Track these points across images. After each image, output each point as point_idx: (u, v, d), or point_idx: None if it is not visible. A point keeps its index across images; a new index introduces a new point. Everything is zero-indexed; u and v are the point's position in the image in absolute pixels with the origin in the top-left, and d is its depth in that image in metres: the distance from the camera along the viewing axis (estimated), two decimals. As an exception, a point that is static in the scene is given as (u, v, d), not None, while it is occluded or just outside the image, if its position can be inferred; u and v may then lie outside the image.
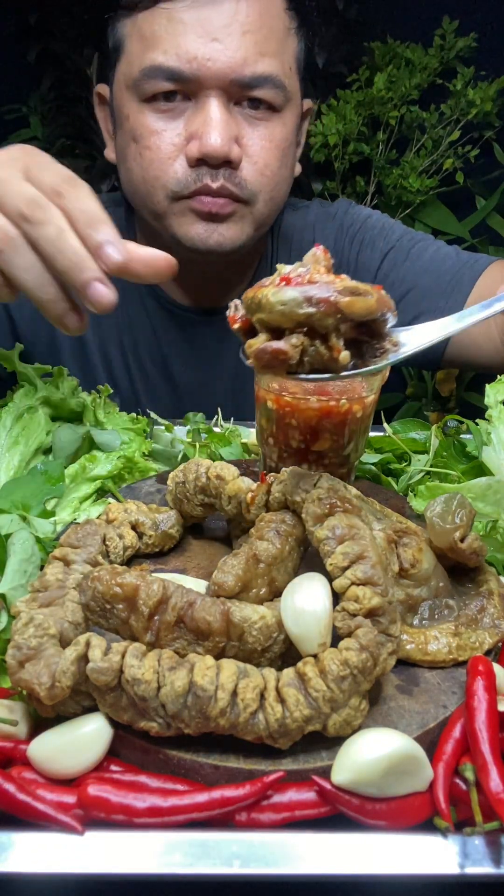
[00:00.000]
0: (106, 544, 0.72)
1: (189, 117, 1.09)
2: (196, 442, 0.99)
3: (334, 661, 0.55)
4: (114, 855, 0.51)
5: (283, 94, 1.12)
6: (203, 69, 1.05)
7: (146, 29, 1.08)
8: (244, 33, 1.07)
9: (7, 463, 0.87)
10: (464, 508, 0.69)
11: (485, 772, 0.53)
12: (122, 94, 1.13)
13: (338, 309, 0.54)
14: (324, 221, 1.35)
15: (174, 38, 1.06)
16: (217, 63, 1.05)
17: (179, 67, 1.06)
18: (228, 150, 1.07)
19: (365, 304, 0.55)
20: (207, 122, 1.07)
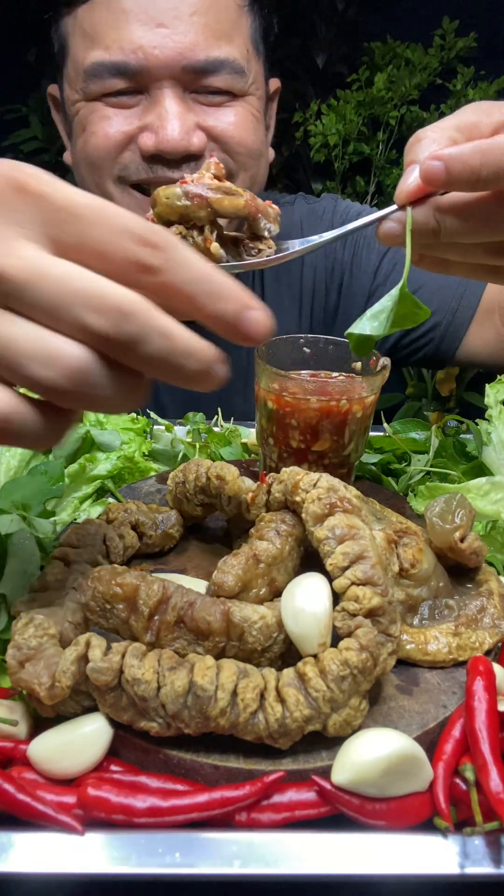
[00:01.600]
0: (106, 544, 0.72)
1: (143, 110, 1.01)
2: (196, 442, 0.99)
3: (334, 661, 0.55)
4: (114, 855, 0.51)
5: (243, 79, 1.04)
6: (150, 58, 0.97)
7: (87, 24, 1.00)
8: (192, 14, 0.98)
9: (7, 463, 0.87)
10: (464, 508, 0.69)
11: (485, 772, 0.53)
12: (71, 95, 1.06)
13: (208, 203, 0.61)
14: (311, 221, 1.29)
15: (116, 30, 0.97)
16: (165, 50, 0.97)
17: (124, 60, 0.97)
18: (188, 142, 0.99)
19: (232, 202, 0.62)
20: (162, 115, 0.98)
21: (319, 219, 1.29)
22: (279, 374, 0.78)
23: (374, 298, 1.24)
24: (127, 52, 0.97)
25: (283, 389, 0.78)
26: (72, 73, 1.04)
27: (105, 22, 0.98)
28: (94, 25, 0.99)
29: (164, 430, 1.02)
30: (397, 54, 2.53)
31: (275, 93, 1.19)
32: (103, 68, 0.99)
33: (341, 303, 1.28)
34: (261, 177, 1.12)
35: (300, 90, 2.57)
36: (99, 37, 0.99)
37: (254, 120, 1.07)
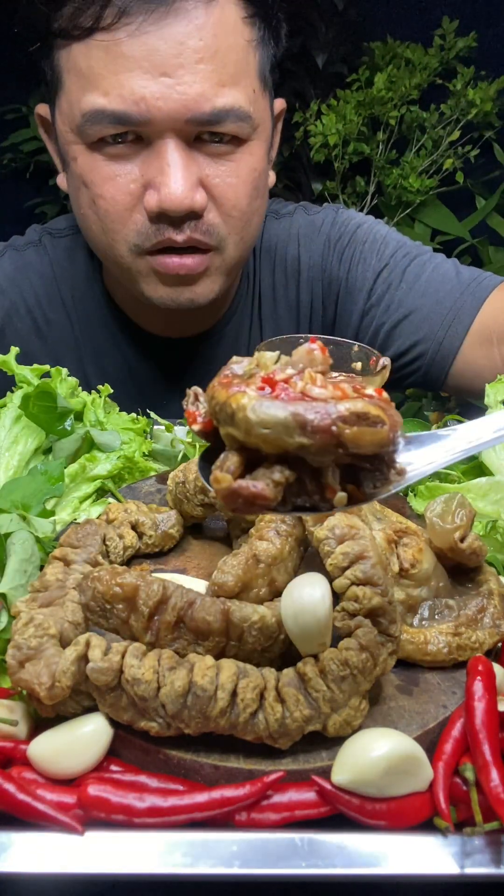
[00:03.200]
0: (106, 544, 0.72)
1: (144, 161, 0.96)
2: (196, 442, 0.99)
3: (334, 661, 0.55)
4: (114, 855, 0.51)
5: (250, 124, 0.98)
6: (154, 111, 0.91)
7: (83, 64, 0.93)
8: (198, 62, 0.91)
9: (7, 463, 0.87)
10: (464, 508, 0.69)
11: (485, 772, 0.53)
12: (66, 133, 1.00)
13: (340, 442, 0.41)
14: (310, 233, 1.23)
15: (116, 77, 0.91)
16: (169, 102, 0.91)
17: (126, 111, 0.91)
18: (191, 201, 0.94)
19: (375, 436, 0.42)
20: (164, 171, 0.93)
21: (318, 231, 1.23)
22: (279, 374, 0.78)
23: (367, 318, 1.21)
24: (129, 102, 0.91)
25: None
26: (65, 109, 0.98)
27: (104, 66, 0.91)
28: (92, 67, 0.92)
29: (164, 430, 1.02)
30: (397, 54, 2.53)
31: (280, 113, 1.14)
32: (102, 116, 0.93)
33: (337, 319, 1.25)
34: (251, 235, 1.07)
35: (300, 90, 2.57)
36: (97, 81, 0.92)
37: (255, 175, 1.03)
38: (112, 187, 0.97)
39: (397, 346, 1.19)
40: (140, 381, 1.24)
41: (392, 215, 2.62)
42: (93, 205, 1.00)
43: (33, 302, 1.20)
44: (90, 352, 1.22)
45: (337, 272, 1.22)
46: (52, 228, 1.25)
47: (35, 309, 1.20)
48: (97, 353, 1.22)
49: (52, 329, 1.21)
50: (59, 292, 1.21)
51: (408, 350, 1.18)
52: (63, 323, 1.21)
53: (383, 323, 1.19)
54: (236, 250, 1.05)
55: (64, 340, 1.21)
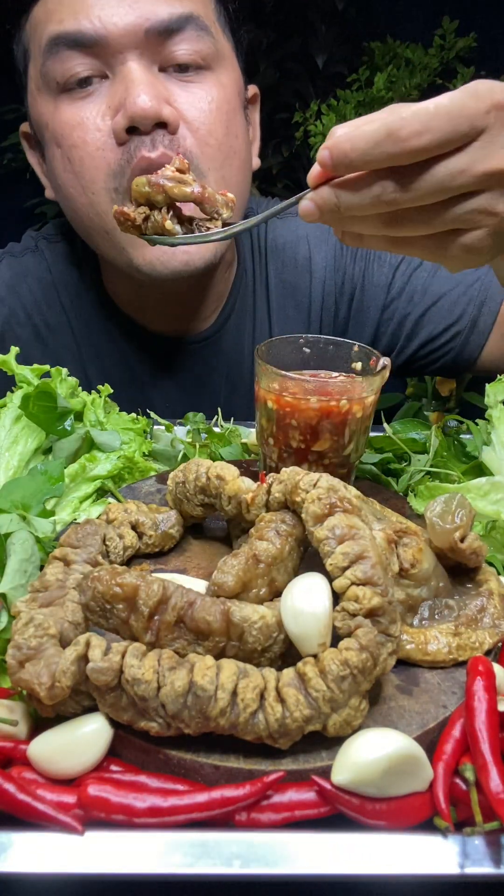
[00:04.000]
0: (106, 544, 0.72)
1: (109, 93, 0.94)
2: (196, 442, 0.99)
3: (334, 661, 0.55)
4: (114, 855, 0.51)
5: (212, 43, 0.97)
6: (109, 25, 0.90)
7: (41, 14, 0.94)
8: None
9: (7, 463, 0.87)
10: (464, 508, 0.69)
11: (485, 772, 0.53)
12: (36, 102, 1.00)
13: (164, 189, 0.72)
14: (319, 234, 1.24)
15: (70, 4, 0.91)
16: (125, 16, 0.90)
17: (80, 29, 0.90)
18: (159, 108, 0.91)
19: (181, 189, 0.71)
20: (129, 87, 0.91)
21: (327, 231, 1.23)
22: (279, 374, 0.78)
23: (388, 311, 1.23)
24: (82, 21, 0.90)
25: (283, 389, 0.78)
26: (33, 73, 0.98)
27: (59, 3, 0.92)
28: (49, 9, 0.93)
29: (164, 430, 1.02)
30: (397, 54, 2.53)
31: (253, 98, 1.13)
32: (60, 41, 0.92)
33: (352, 317, 1.26)
34: (235, 179, 1.04)
35: (300, 90, 2.57)
36: (54, 15, 0.93)
37: (229, 107, 1.01)
38: (81, 131, 0.95)
39: (428, 331, 1.21)
40: (142, 382, 1.23)
41: (392, 215, 2.62)
42: (68, 163, 0.97)
43: (33, 308, 1.20)
44: (92, 355, 1.22)
45: (352, 271, 1.22)
46: (47, 234, 1.25)
47: (35, 315, 1.20)
48: (99, 355, 1.22)
49: (52, 334, 1.21)
50: (59, 297, 1.21)
51: (440, 334, 1.21)
52: (63, 328, 1.21)
53: (409, 313, 1.21)
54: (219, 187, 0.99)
55: (65, 345, 1.21)
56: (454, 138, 0.61)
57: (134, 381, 1.23)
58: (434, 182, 0.62)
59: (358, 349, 0.86)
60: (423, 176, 0.62)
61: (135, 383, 1.23)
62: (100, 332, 1.21)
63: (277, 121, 2.47)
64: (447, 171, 0.62)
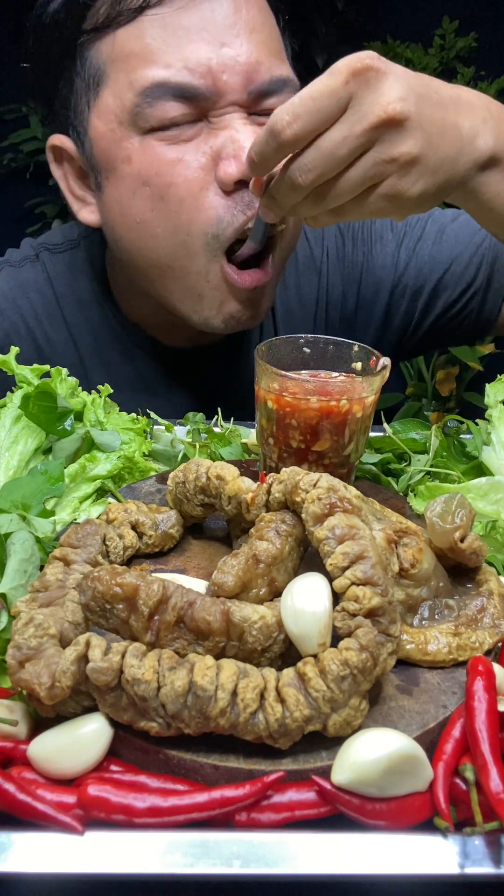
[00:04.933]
0: (106, 544, 0.72)
1: (206, 139, 0.92)
2: (196, 442, 0.99)
3: (334, 661, 0.55)
4: (114, 855, 0.51)
5: None
6: (220, 82, 0.89)
7: (135, 44, 0.90)
8: (251, 31, 0.91)
9: (7, 463, 0.87)
10: (464, 508, 0.69)
11: (485, 772, 0.53)
12: (113, 133, 0.93)
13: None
14: (316, 232, 1.23)
15: (177, 49, 0.89)
16: (233, 72, 0.89)
17: (192, 83, 0.88)
18: None
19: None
20: (236, 138, 0.90)
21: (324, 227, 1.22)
22: (279, 374, 0.78)
23: (398, 290, 1.22)
24: (195, 74, 0.88)
25: (283, 389, 0.78)
26: (111, 103, 0.92)
27: (162, 41, 0.88)
28: (147, 45, 0.89)
29: (164, 430, 1.02)
30: (397, 54, 2.54)
31: None
32: (166, 89, 0.89)
33: (360, 305, 1.25)
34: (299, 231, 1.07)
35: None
36: (156, 55, 0.89)
37: None
38: (182, 168, 0.91)
39: (446, 298, 1.21)
40: (154, 393, 1.20)
41: (392, 215, 2.62)
42: (161, 200, 0.93)
43: (33, 322, 1.17)
44: (97, 367, 1.18)
45: (354, 257, 1.22)
46: (48, 243, 1.20)
47: (36, 329, 1.17)
48: (107, 368, 1.18)
49: (53, 350, 1.17)
50: (61, 310, 1.17)
51: (458, 299, 1.21)
52: (65, 343, 1.18)
53: (422, 285, 1.21)
54: (296, 228, 1.03)
55: (68, 361, 1.16)
56: (325, 116, 0.70)
57: (147, 393, 1.19)
58: (324, 156, 0.71)
59: (358, 349, 0.86)
60: (314, 154, 0.71)
61: (146, 393, 1.19)
62: (110, 347, 1.18)
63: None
64: (330, 142, 0.71)
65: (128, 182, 0.95)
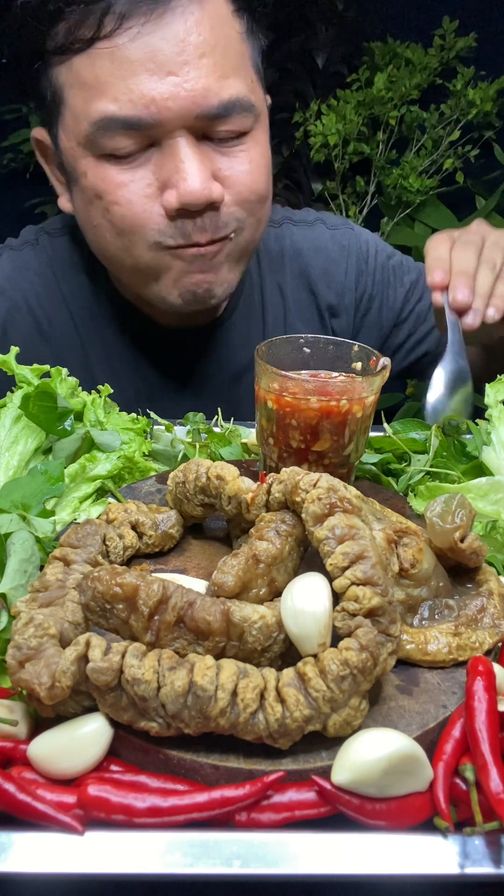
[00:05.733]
0: (106, 544, 0.72)
1: (156, 164, 0.97)
2: (196, 442, 0.99)
3: (334, 661, 0.55)
4: (114, 855, 0.51)
5: (253, 114, 1.00)
6: (164, 111, 0.92)
7: (87, 75, 0.93)
8: (201, 56, 0.93)
9: (7, 463, 0.87)
10: (464, 508, 0.69)
11: (485, 772, 0.53)
12: (72, 149, 1.00)
13: None
14: (339, 252, 1.31)
15: (123, 82, 0.91)
16: (178, 101, 0.92)
17: (136, 116, 0.92)
18: (209, 191, 0.96)
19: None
20: (180, 168, 0.95)
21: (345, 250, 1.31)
22: (279, 374, 0.78)
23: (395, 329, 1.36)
24: (139, 106, 0.92)
25: (283, 389, 0.78)
26: (70, 124, 0.98)
27: (109, 73, 0.92)
28: (98, 77, 0.93)
29: (164, 430, 1.02)
30: (397, 54, 2.53)
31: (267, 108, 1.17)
32: (113, 122, 0.94)
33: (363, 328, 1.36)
34: (265, 217, 1.11)
35: (300, 90, 2.57)
36: (104, 88, 0.93)
37: (264, 161, 1.06)
38: (127, 192, 0.98)
39: (426, 346, 1.37)
40: (148, 376, 1.25)
41: (392, 215, 2.62)
42: (107, 213, 1.00)
43: (34, 302, 1.21)
44: (97, 349, 1.23)
45: (371, 290, 1.33)
46: (48, 228, 1.25)
47: (36, 309, 1.21)
48: (105, 348, 1.23)
49: (54, 329, 1.22)
50: (60, 291, 1.22)
51: (433, 350, 1.36)
52: (65, 322, 1.22)
53: (412, 332, 1.37)
54: (250, 232, 1.07)
55: (67, 339, 1.22)
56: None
57: (139, 375, 1.25)
58: None
59: (358, 349, 0.86)
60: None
61: (141, 377, 1.25)
62: (106, 326, 1.23)
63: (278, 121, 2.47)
64: None
65: (85, 192, 1.02)
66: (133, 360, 1.24)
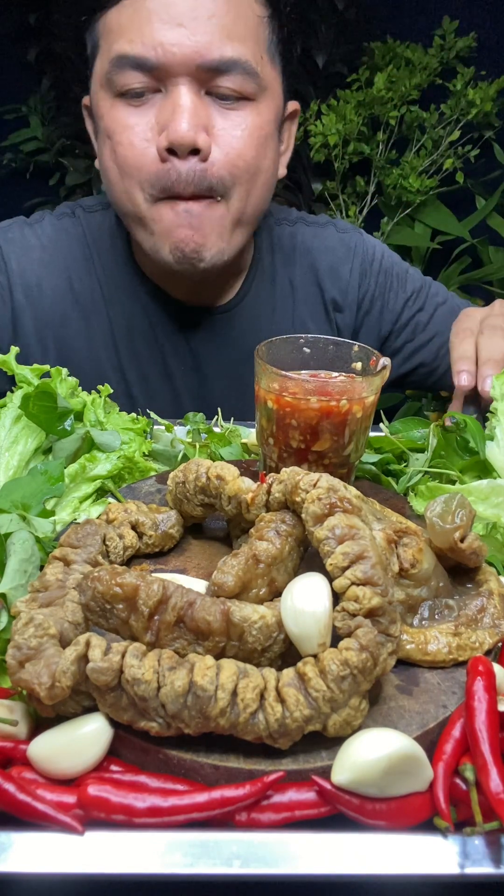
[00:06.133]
0: (106, 544, 0.72)
1: (160, 108, 1.08)
2: (196, 442, 0.99)
3: (334, 661, 0.55)
4: (114, 855, 0.51)
5: (256, 82, 1.09)
6: (168, 55, 1.04)
7: (114, 23, 1.08)
8: (210, 17, 1.05)
9: (7, 463, 0.87)
10: (464, 508, 0.69)
11: (485, 772, 0.53)
12: (97, 93, 1.13)
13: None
14: (345, 252, 1.38)
15: (139, 27, 1.05)
16: (182, 48, 1.04)
17: (144, 54, 1.05)
18: (195, 136, 1.05)
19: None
20: (175, 111, 1.05)
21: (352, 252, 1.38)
22: (279, 374, 0.78)
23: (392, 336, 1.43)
24: (147, 47, 1.04)
25: (283, 389, 0.78)
26: (98, 68, 1.12)
27: (131, 20, 1.06)
28: (121, 24, 1.07)
29: (164, 430, 1.02)
30: (397, 54, 2.53)
31: (293, 114, 1.25)
32: (126, 60, 1.06)
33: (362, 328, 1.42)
34: (258, 194, 1.16)
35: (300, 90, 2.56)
36: (124, 32, 1.06)
37: (261, 133, 1.13)
38: (130, 134, 1.09)
39: (421, 357, 1.45)
40: (164, 344, 1.31)
41: (392, 215, 2.62)
42: (114, 154, 1.11)
43: (71, 264, 1.29)
44: (119, 315, 1.30)
45: (373, 291, 1.40)
46: (83, 204, 1.36)
47: (72, 270, 1.29)
48: (127, 317, 1.31)
49: (84, 291, 1.29)
50: (92, 259, 1.30)
51: (429, 363, 1.45)
52: (94, 287, 1.30)
53: (409, 340, 1.43)
54: (242, 203, 1.13)
55: (94, 303, 1.29)
56: None
57: (157, 342, 1.31)
58: None
59: (358, 349, 0.86)
60: None
61: (157, 345, 1.31)
62: (128, 295, 1.30)
63: (277, 121, 2.47)
64: None
65: (102, 134, 1.14)
66: (150, 331, 1.31)
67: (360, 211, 2.65)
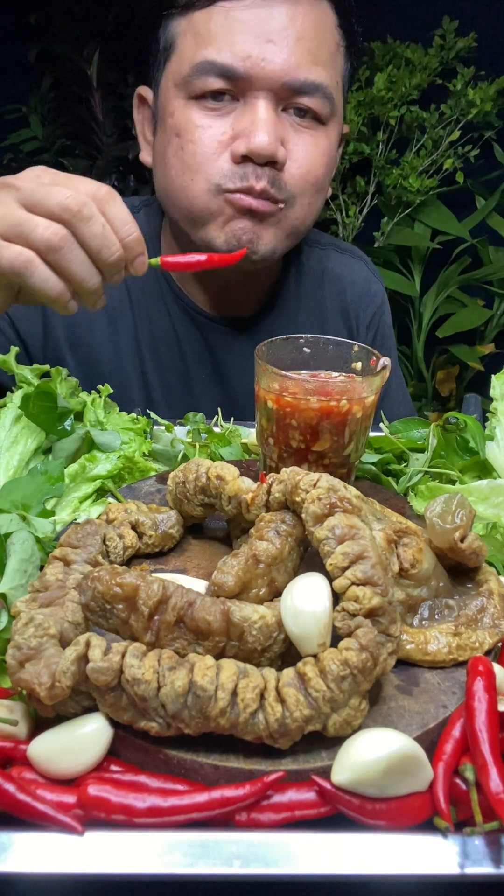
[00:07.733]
0: (106, 544, 0.72)
1: (236, 117, 1.09)
2: (196, 442, 0.99)
3: (334, 661, 0.55)
4: (114, 855, 0.51)
5: (331, 107, 1.13)
6: (256, 69, 1.06)
7: (202, 26, 1.09)
8: (299, 39, 1.07)
9: (7, 463, 0.87)
10: (464, 508, 0.69)
11: (485, 772, 0.53)
12: (169, 91, 1.14)
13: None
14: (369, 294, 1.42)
15: (230, 36, 1.06)
16: (271, 64, 1.06)
17: (233, 65, 1.06)
18: (275, 149, 1.07)
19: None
20: (255, 122, 1.07)
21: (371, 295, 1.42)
22: (279, 374, 0.78)
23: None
24: (237, 58, 1.06)
25: (283, 389, 0.78)
26: (174, 67, 1.12)
27: (221, 28, 1.07)
28: (210, 29, 1.08)
29: (164, 430, 1.02)
30: (397, 54, 2.53)
31: (344, 135, 1.28)
32: (212, 67, 1.07)
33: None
34: (315, 208, 1.20)
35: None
36: (212, 39, 1.07)
37: (330, 154, 1.17)
38: (203, 134, 1.10)
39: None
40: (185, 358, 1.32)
41: (392, 215, 2.62)
42: (180, 150, 1.12)
43: None
44: (145, 321, 1.31)
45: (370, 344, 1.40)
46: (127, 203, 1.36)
47: None
48: (152, 323, 1.31)
49: (112, 295, 1.28)
50: None
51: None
52: (122, 291, 1.30)
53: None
54: (301, 212, 1.16)
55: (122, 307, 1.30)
56: None
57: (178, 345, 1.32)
58: None
59: (358, 349, 0.86)
60: None
61: (178, 348, 1.32)
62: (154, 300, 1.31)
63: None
64: None
65: (167, 131, 1.14)
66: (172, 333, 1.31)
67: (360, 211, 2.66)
